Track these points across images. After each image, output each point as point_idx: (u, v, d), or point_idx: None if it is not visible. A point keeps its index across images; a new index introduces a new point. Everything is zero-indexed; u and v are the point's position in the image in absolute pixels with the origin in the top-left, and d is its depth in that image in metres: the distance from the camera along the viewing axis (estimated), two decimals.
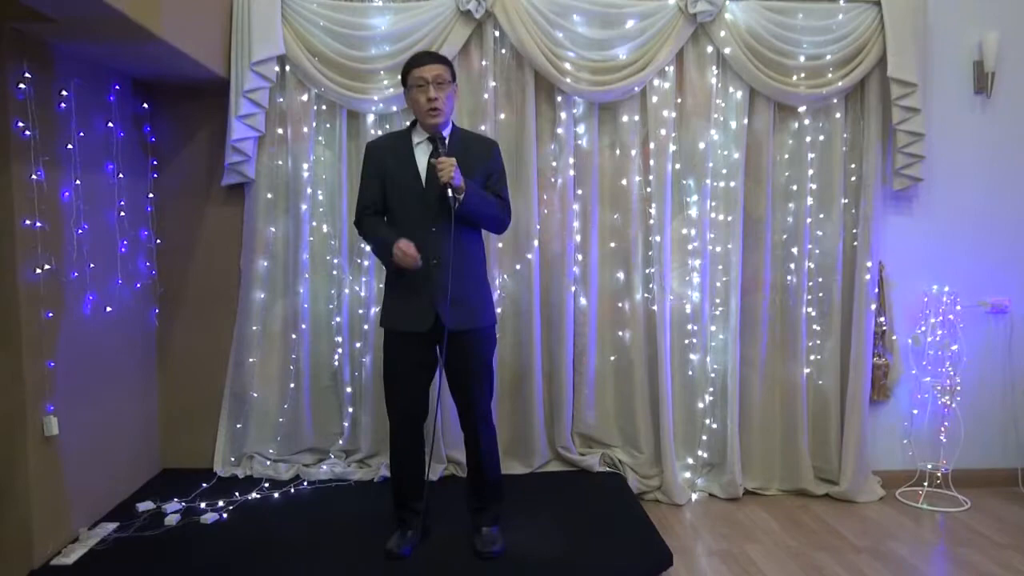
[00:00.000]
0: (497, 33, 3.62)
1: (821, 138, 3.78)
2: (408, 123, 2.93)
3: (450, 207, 2.66)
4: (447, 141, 2.80)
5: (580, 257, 3.78)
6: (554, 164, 3.73)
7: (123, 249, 3.38)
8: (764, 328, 3.80)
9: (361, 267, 3.74)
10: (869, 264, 3.73)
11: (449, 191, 2.66)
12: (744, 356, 3.78)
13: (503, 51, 3.65)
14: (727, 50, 3.62)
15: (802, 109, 3.74)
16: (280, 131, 3.66)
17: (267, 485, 3.56)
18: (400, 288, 2.81)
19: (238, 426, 3.75)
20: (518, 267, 3.73)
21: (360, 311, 3.75)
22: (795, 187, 3.79)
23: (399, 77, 3.49)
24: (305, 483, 3.61)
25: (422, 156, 2.79)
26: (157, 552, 2.92)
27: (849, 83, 3.65)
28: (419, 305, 2.75)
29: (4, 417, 2.70)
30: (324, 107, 3.68)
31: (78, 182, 3.04)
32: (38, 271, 2.79)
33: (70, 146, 2.99)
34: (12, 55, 2.65)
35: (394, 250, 2.69)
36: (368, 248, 3.47)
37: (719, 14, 3.57)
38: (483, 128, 3.60)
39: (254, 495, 3.45)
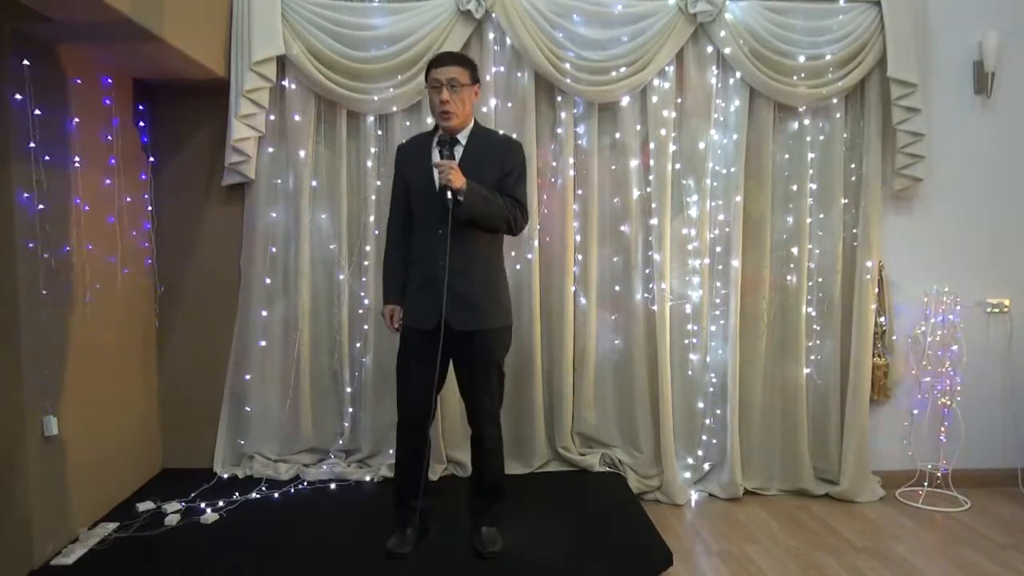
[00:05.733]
0: (496, 34, 3.62)
1: (821, 138, 3.78)
2: (434, 125, 2.95)
3: (449, 208, 2.69)
4: (466, 140, 2.83)
5: (580, 257, 3.78)
6: (554, 164, 3.73)
7: (123, 249, 3.38)
8: (764, 328, 3.79)
9: (361, 267, 3.74)
10: (869, 264, 3.73)
11: (448, 193, 2.68)
12: (744, 356, 3.78)
13: (503, 51, 3.65)
14: (727, 50, 3.62)
15: (802, 109, 3.74)
16: (280, 131, 3.65)
17: (267, 485, 3.56)
18: (414, 286, 2.87)
19: (238, 426, 3.75)
20: (518, 267, 3.73)
21: (360, 311, 3.75)
22: (795, 187, 3.79)
23: (399, 77, 3.53)
24: (305, 483, 3.61)
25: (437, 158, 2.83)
26: (157, 552, 2.92)
27: (849, 83, 3.65)
28: (427, 304, 2.79)
29: (4, 417, 2.69)
30: (324, 107, 3.68)
31: (78, 182, 3.04)
32: (38, 271, 2.79)
33: (70, 146, 2.99)
34: (12, 55, 2.64)
35: (383, 309, 2.97)
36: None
37: (719, 14, 3.57)
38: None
39: (254, 495, 3.45)
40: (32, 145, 2.73)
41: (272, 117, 3.61)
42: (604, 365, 3.84)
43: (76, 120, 3.02)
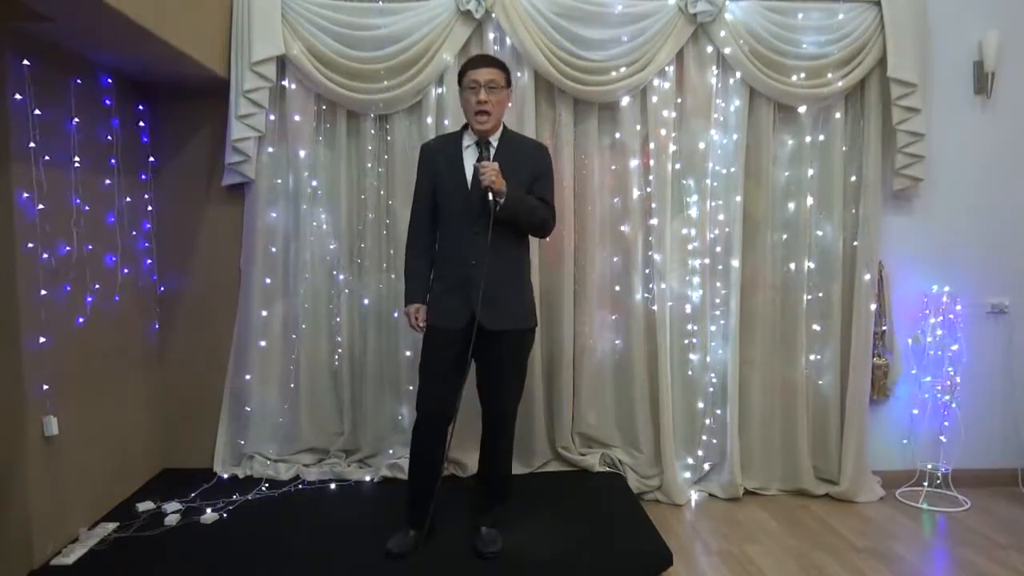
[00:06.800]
0: (496, 34, 3.62)
1: (821, 138, 3.78)
2: (461, 126, 2.97)
3: (491, 210, 2.71)
4: (497, 143, 2.85)
5: (580, 257, 3.78)
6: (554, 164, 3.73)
7: (123, 249, 3.38)
8: (764, 328, 3.79)
9: (361, 267, 3.74)
10: (869, 264, 3.73)
11: (490, 195, 2.71)
12: (744, 356, 3.77)
13: (503, 51, 3.64)
14: (727, 50, 3.62)
15: (802, 109, 3.74)
16: (280, 131, 3.65)
17: (267, 485, 3.56)
18: (442, 286, 2.87)
19: (238, 426, 3.75)
20: None
21: (360, 311, 3.75)
22: (795, 187, 3.79)
23: (399, 77, 3.53)
24: (305, 483, 3.61)
25: (470, 159, 2.85)
26: (157, 552, 2.92)
27: (849, 83, 3.65)
28: (457, 303, 2.80)
29: (4, 417, 2.70)
30: (324, 107, 3.68)
31: (78, 182, 3.04)
32: (38, 271, 2.79)
33: (70, 146, 2.99)
34: (12, 55, 2.64)
35: (408, 308, 2.92)
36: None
37: (719, 14, 3.57)
38: None
39: (254, 495, 3.46)
40: (32, 145, 2.73)
41: (272, 117, 3.61)
42: (604, 365, 3.84)
43: (76, 120, 3.02)
